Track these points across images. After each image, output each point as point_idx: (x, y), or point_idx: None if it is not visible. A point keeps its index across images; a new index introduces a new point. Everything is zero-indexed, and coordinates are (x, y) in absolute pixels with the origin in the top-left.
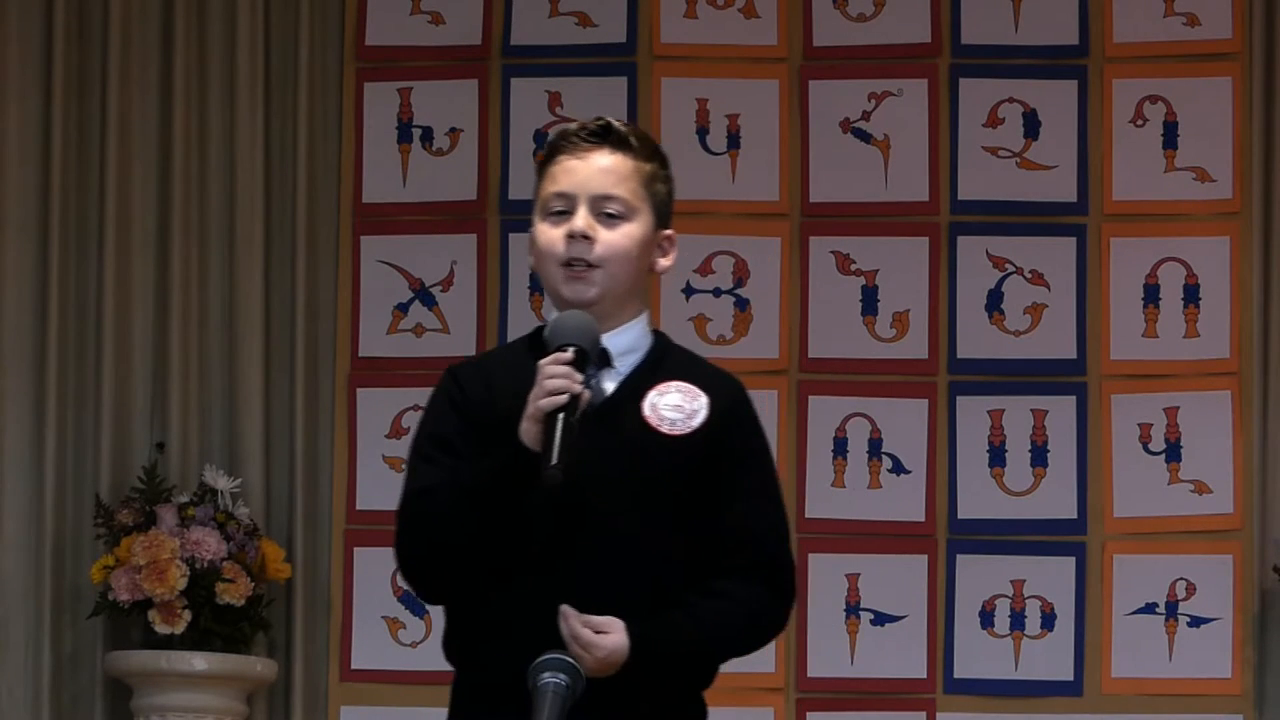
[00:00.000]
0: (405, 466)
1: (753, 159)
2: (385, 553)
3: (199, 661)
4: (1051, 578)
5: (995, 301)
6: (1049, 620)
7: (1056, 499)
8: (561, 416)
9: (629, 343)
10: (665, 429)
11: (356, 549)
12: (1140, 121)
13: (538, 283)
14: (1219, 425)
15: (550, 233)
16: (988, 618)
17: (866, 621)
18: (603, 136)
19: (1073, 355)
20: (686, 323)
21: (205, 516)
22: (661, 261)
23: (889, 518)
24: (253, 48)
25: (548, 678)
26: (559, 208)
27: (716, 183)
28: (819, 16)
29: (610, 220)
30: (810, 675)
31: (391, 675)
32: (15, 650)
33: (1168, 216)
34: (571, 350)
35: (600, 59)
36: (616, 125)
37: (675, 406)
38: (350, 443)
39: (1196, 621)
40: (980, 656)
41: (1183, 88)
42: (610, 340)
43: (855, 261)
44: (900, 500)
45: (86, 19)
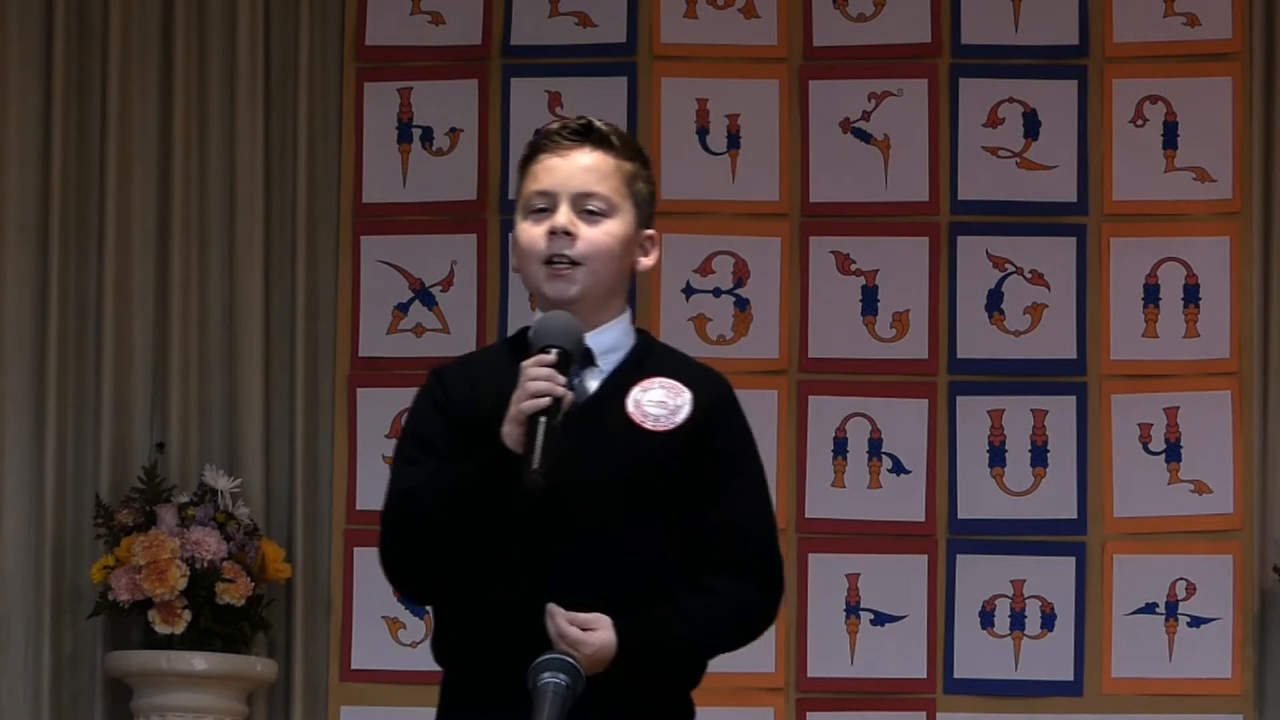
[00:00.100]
0: (390, 468)
1: (753, 159)
2: None
3: (199, 661)
4: (1051, 578)
5: (995, 301)
6: (1049, 620)
7: (1056, 499)
8: (543, 419)
9: (612, 341)
10: (649, 425)
11: (356, 549)
12: (1140, 121)
13: None
14: (1219, 425)
15: (532, 231)
16: (988, 618)
17: (866, 621)
18: (584, 135)
19: (1073, 355)
20: (686, 323)
21: (205, 516)
22: (644, 261)
23: (889, 518)
24: (253, 48)
25: (548, 678)
26: (540, 205)
27: (716, 183)
28: (819, 16)
29: (592, 217)
30: (810, 675)
31: (391, 675)
32: (15, 650)
33: (1168, 216)
34: (555, 352)
35: (600, 59)
36: (598, 124)
37: (659, 403)
38: (350, 443)
39: (1196, 621)
40: (980, 656)
41: (1183, 88)
42: (593, 339)
43: (855, 261)
44: (900, 500)
45: (86, 19)
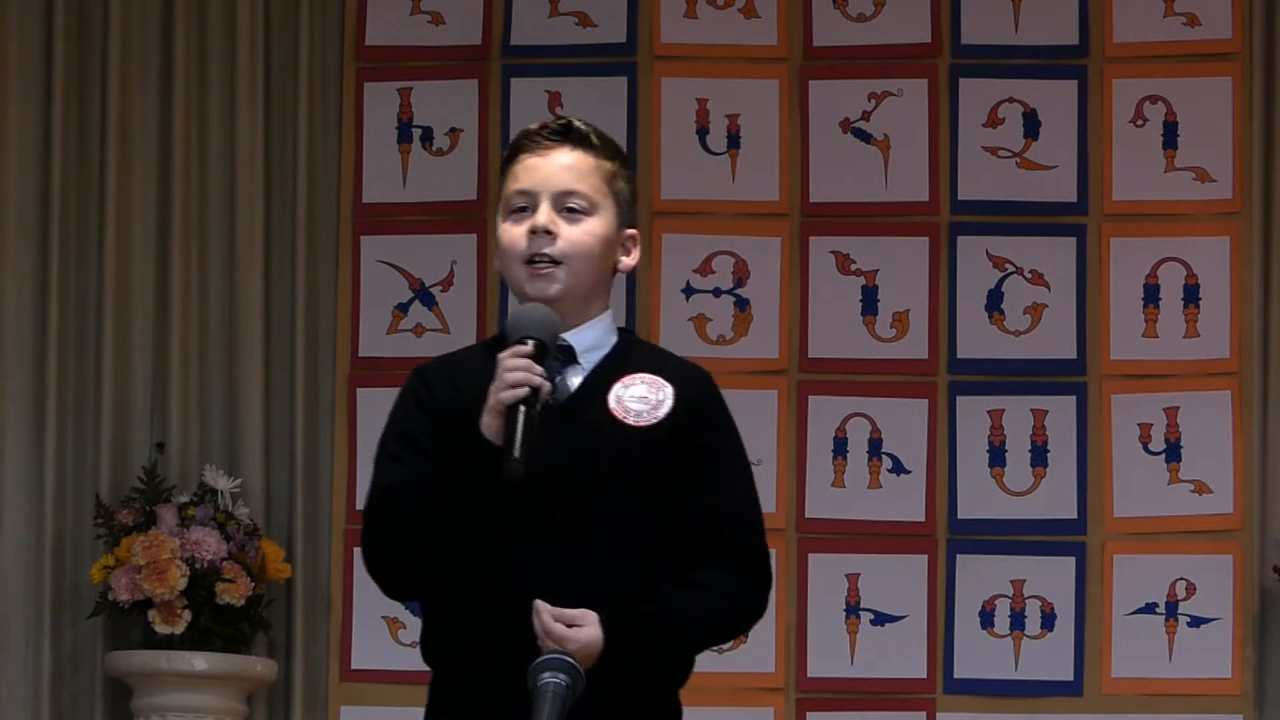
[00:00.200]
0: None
1: (753, 159)
2: None
3: (199, 661)
4: (1051, 578)
5: (995, 301)
6: (1049, 620)
7: (1056, 499)
8: (522, 409)
9: (593, 339)
10: (631, 420)
11: (356, 549)
12: (1140, 121)
13: None
14: (1219, 425)
15: (512, 230)
16: (988, 618)
17: (866, 621)
18: (564, 135)
19: (1073, 355)
20: (686, 323)
21: (205, 516)
22: (625, 260)
23: (889, 518)
24: (253, 48)
25: (548, 678)
26: (521, 204)
27: (716, 183)
28: (819, 16)
29: (573, 216)
30: (810, 675)
31: (391, 675)
32: (15, 650)
33: (1168, 216)
34: (531, 343)
35: (600, 59)
36: (577, 124)
37: (640, 398)
38: (350, 443)
39: (1196, 621)
40: (980, 656)
41: (1183, 88)
42: (575, 337)
43: (855, 261)
44: (900, 500)
45: (86, 19)
